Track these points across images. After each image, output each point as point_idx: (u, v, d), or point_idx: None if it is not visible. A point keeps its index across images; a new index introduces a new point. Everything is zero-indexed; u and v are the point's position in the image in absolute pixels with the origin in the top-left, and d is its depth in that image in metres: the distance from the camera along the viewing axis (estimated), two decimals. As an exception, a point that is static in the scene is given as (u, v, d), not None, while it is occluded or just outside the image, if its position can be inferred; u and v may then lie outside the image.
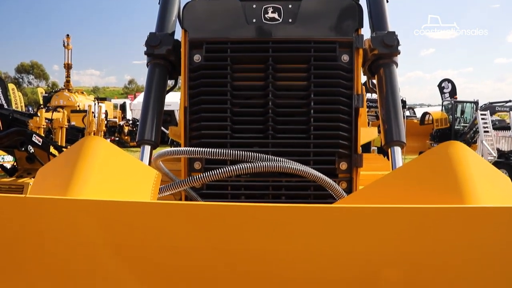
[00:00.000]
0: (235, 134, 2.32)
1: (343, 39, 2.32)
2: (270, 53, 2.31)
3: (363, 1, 2.60)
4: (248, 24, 2.32)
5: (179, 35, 2.45)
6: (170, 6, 2.61)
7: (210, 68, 2.35)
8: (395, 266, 1.02)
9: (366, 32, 2.45)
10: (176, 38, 2.52)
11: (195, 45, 2.35)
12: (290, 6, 2.32)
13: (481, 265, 1.01)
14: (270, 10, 2.31)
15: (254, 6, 2.32)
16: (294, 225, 0.99)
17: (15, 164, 8.33)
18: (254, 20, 2.32)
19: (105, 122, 19.55)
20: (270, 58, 2.30)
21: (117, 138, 23.23)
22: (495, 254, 1.00)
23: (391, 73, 2.43)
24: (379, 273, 1.02)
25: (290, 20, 2.31)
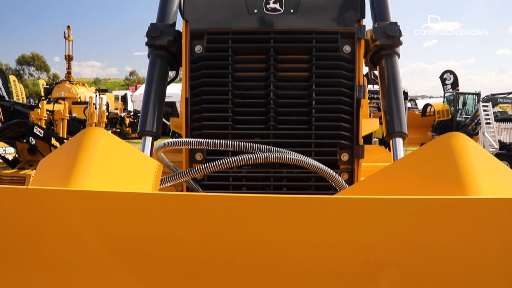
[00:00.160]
0: (236, 125, 2.32)
1: (345, 30, 2.31)
2: (272, 44, 2.30)
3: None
4: (250, 15, 2.31)
5: (180, 26, 2.44)
6: None
7: (211, 59, 2.34)
8: (396, 256, 1.02)
9: (368, 22, 2.44)
10: (177, 29, 2.51)
11: (196, 36, 2.34)
12: None
13: (482, 256, 1.01)
14: (272, 0, 2.30)
15: None
16: (296, 216, 0.99)
17: (16, 156, 8.34)
18: (256, 11, 2.30)
19: (107, 113, 19.54)
20: (272, 49, 2.29)
21: (118, 130, 23.22)
22: (496, 245, 1.00)
23: (393, 64, 2.42)
24: (380, 264, 1.02)
25: (291, 11, 2.29)
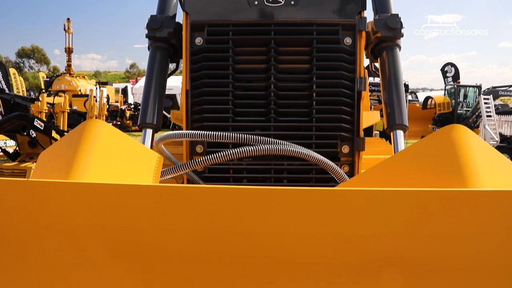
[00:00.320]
0: (237, 117, 2.32)
1: (346, 22, 2.30)
2: (272, 36, 2.28)
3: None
4: (250, 7, 2.29)
5: (181, 18, 2.43)
6: None
7: (211, 51, 2.33)
8: (396, 248, 1.02)
9: (369, 14, 2.43)
10: (178, 21, 2.50)
11: (197, 28, 2.33)
12: None
13: (482, 248, 1.01)
14: None
15: None
16: (296, 208, 0.99)
17: (17, 148, 8.35)
18: (256, 2, 2.29)
19: (107, 106, 19.54)
20: (272, 41, 2.28)
21: (119, 123, 23.22)
22: (496, 237, 1.00)
23: (394, 56, 2.41)
24: (380, 256, 1.02)
25: (292, 2, 2.28)
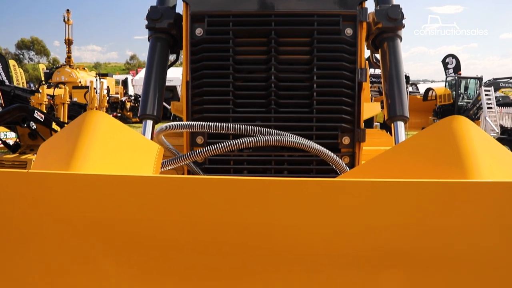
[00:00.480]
0: (237, 108, 2.31)
1: (347, 12, 2.28)
2: (273, 27, 2.27)
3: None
4: None
5: (181, 9, 2.42)
6: None
7: (212, 42, 2.32)
8: (396, 240, 1.02)
9: (370, 5, 2.41)
10: (178, 11, 2.49)
11: (197, 19, 2.31)
12: None
13: (482, 239, 1.01)
14: None
15: None
16: (296, 198, 0.99)
17: (17, 140, 8.36)
18: None
19: (107, 98, 19.51)
20: (273, 32, 2.27)
21: (119, 114, 23.23)
22: (497, 228, 1.00)
23: (395, 47, 2.41)
24: (380, 247, 1.02)
25: None
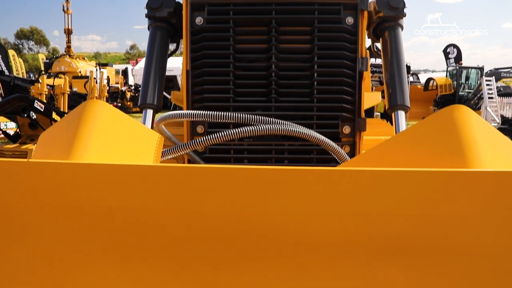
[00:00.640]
0: (237, 97, 2.30)
1: (348, 1, 2.26)
2: (273, 16, 2.26)
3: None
4: None
5: None
6: None
7: (212, 30, 2.30)
8: (396, 228, 1.02)
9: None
10: (178, 0, 2.47)
11: (197, 7, 2.30)
12: None
13: (482, 229, 1.01)
14: None
15: None
16: (297, 187, 0.99)
17: (18, 130, 8.36)
18: None
19: (107, 88, 19.49)
20: (273, 21, 2.25)
21: (119, 104, 23.18)
22: (497, 218, 1.00)
23: (396, 36, 2.39)
24: (381, 236, 1.02)
25: None
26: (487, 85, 16.64)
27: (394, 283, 1.05)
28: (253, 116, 1.84)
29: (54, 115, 8.04)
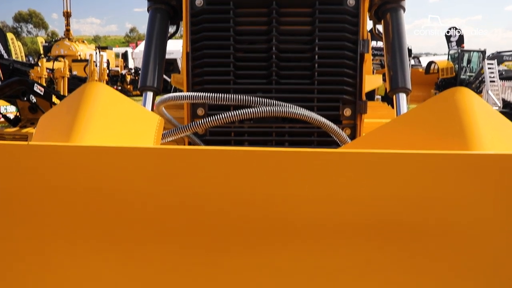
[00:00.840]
0: (238, 79, 2.29)
1: None
2: None
3: None
4: None
5: None
6: None
7: (212, 12, 2.28)
8: (396, 211, 1.02)
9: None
10: None
11: None
12: None
13: (483, 211, 1.01)
14: None
15: None
16: (297, 169, 0.99)
17: (18, 114, 8.35)
18: None
19: (107, 71, 19.41)
20: (274, 2, 2.23)
21: (119, 87, 23.13)
22: (497, 201, 1.00)
23: (398, 18, 2.37)
24: (380, 218, 1.02)
25: None
26: (489, 68, 16.58)
27: (394, 265, 1.05)
28: (253, 98, 1.83)
29: (54, 99, 8.02)
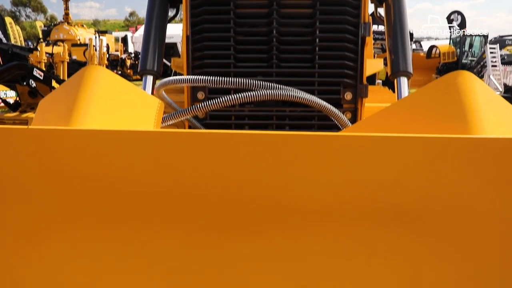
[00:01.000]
0: (238, 63, 2.28)
1: None
2: None
3: None
4: None
5: None
6: None
7: None
8: (397, 195, 1.02)
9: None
10: None
11: None
12: None
13: (484, 195, 1.01)
14: None
15: None
16: (298, 153, 0.98)
17: (18, 99, 8.33)
18: None
19: (107, 55, 19.31)
20: None
21: (119, 72, 23.01)
22: (499, 185, 0.99)
23: (400, 1, 2.35)
24: (381, 202, 1.02)
25: None
26: (491, 53, 16.48)
27: (394, 249, 1.06)
28: (254, 82, 1.82)
29: (54, 83, 7.99)
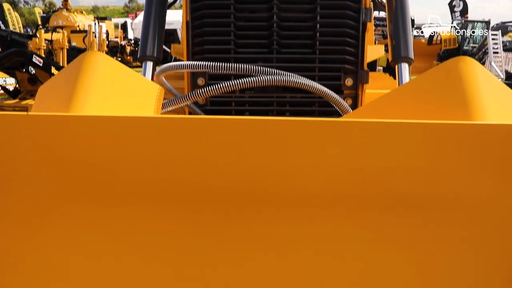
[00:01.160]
0: (238, 49, 2.26)
1: None
2: None
3: None
4: None
5: None
6: None
7: None
8: (398, 180, 1.02)
9: None
10: None
11: None
12: None
13: (485, 181, 1.01)
14: None
15: None
16: (298, 138, 0.98)
17: (17, 86, 8.31)
18: None
19: (107, 42, 19.21)
20: None
21: (119, 59, 22.89)
22: (500, 171, 0.99)
23: None
24: (382, 188, 1.02)
25: None
26: (492, 39, 16.40)
27: (395, 234, 1.06)
28: (254, 67, 1.81)
29: (53, 70, 7.97)
